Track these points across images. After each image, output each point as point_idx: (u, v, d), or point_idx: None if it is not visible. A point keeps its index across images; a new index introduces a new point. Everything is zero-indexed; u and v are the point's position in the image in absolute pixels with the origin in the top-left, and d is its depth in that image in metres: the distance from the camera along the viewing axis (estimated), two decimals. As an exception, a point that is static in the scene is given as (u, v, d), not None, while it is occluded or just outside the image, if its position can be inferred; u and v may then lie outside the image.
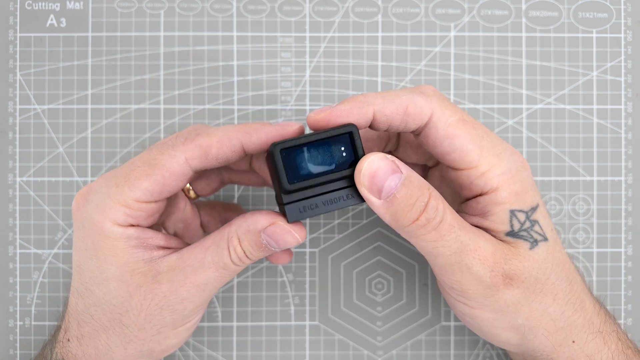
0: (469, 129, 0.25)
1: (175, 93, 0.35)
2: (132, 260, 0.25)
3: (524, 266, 0.25)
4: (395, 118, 0.24)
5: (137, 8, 0.35)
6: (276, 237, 0.24)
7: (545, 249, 0.25)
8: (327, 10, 0.35)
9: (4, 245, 0.35)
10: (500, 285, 0.24)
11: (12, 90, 0.35)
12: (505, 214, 0.25)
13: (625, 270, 0.35)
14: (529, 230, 0.25)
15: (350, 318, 0.35)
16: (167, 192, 0.25)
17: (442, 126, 0.24)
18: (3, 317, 0.34)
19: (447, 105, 0.25)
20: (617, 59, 0.35)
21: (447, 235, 0.24)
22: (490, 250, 0.24)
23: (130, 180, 0.25)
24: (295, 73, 0.35)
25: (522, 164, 0.26)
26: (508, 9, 0.35)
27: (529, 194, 0.25)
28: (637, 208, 0.35)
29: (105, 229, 0.25)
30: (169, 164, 0.25)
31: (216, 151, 0.25)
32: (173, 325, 0.26)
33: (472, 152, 0.24)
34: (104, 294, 0.25)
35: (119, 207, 0.25)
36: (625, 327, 0.35)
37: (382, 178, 0.23)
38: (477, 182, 0.25)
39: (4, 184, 0.35)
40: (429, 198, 0.23)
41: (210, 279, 0.25)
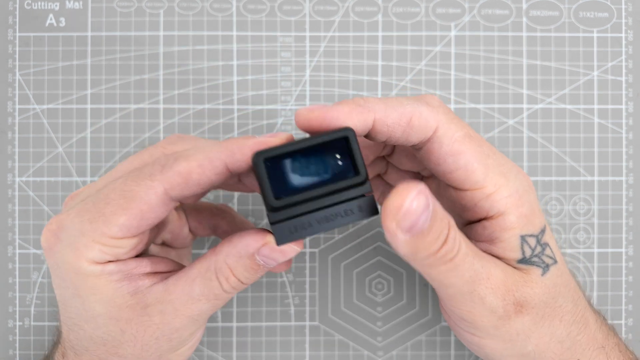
0: (474, 146, 0.23)
1: (175, 93, 0.35)
2: (118, 295, 0.23)
3: (535, 293, 0.24)
4: (396, 129, 0.22)
5: (136, 7, 0.35)
6: (273, 255, 0.22)
7: (555, 272, 0.24)
8: (327, 10, 0.35)
9: (3, 245, 0.34)
10: (512, 314, 0.23)
11: (11, 90, 0.35)
12: (516, 240, 0.23)
13: (626, 270, 0.35)
14: (540, 256, 0.24)
15: (351, 318, 0.35)
16: (146, 225, 0.23)
17: (447, 142, 0.22)
18: (2, 317, 0.34)
19: (453, 119, 0.23)
20: (618, 59, 0.35)
21: (461, 265, 0.22)
22: (502, 278, 0.23)
23: (105, 215, 0.22)
24: (295, 73, 0.35)
25: (528, 185, 0.24)
26: (509, 8, 0.35)
27: (536, 216, 0.24)
28: (638, 208, 0.35)
29: (83, 269, 0.22)
30: (147, 196, 0.22)
31: (197, 177, 0.22)
32: (172, 350, 0.25)
33: (478, 171, 0.23)
34: (94, 330, 0.24)
35: (94, 245, 0.22)
36: (627, 327, 0.35)
37: (417, 215, 0.19)
38: (483, 205, 0.23)
39: (3, 184, 0.35)
40: (449, 229, 0.21)
41: (202, 309, 0.23)
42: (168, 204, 0.22)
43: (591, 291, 0.35)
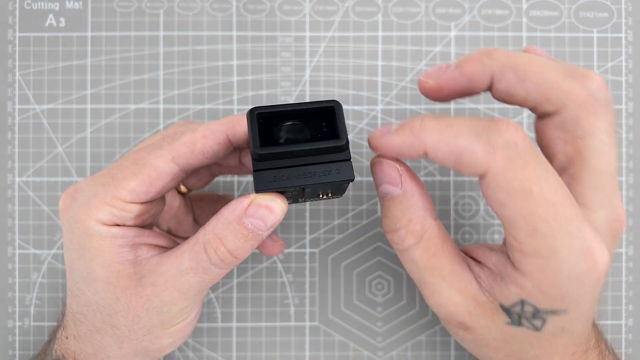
0: (529, 206, 0.20)
1: (175, 93, 0.35)
2: (118, 260, 0.24)
3: (487, 326, 0.23)
4: (447, 161, 0.21)
5: (136, 8, 0.35)
6: (261, 213, 0.22)
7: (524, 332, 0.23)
8: (327, 10, 0.35)
9: (3, 245, 0.34)
10: (453, 326, 0.24)
11: (11, 90, 0.35)
12: (516, 298, 0.22)
13: (626, 270, 0.35)
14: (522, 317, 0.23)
15: (351, 319, 0.35)
16: (155, 192, 0.24)
17: (495, 188, 0.20)
18: (2, 317, 0.34)
19: (515, 167, 0.20)
20: (618, 59, 0.35)
21: (407, 265, 0.24)
22: (455, 302, 0.23)
23: (117, 179, 0.24)
24: (295, 73, 0.35)
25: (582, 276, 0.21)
26: (509, 8, 0.35)
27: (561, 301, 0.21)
28: (638, 208, 0.35)
29: (90, 228, 0.24)
30: (156, 163, 0.24)
31: (201, 146, 0.24)
32: (162, 326, 0.25)
33: (521, 230, 0.20)
34: (93, 294, 0.25)
35: (104, 207, 0.24)
36: (627, 327, 0.35)
37: (378, 179, 0.23)
38: (514, 254, 0.22)
39: (3, 184, 0.35)
40: (402, 227, 0.23)
41: (190, 283, 0.24)
42: (175, 172, 0.24)
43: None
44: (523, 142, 0.20)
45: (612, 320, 0.35)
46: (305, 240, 0.35)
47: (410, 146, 0.22)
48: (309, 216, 0.35)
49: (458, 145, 0.20)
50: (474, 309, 0.23)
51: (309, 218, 0.35)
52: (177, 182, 0.25)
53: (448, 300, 0.23)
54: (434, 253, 0.23)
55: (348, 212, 0.35)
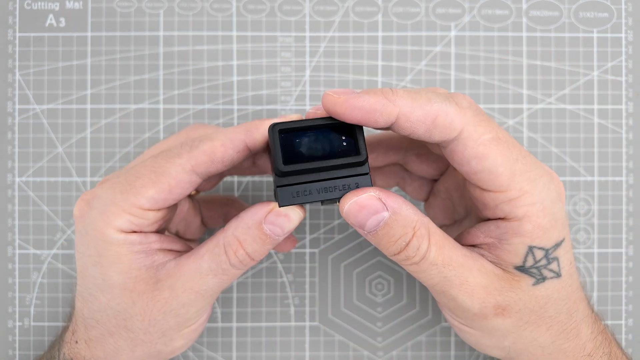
0: (502, 150, 0.22)
1: (175, 93, 0.35)
2: (135, 267, 0.25)
3: (520, 299, 0.24)
4: (420, 126, 0.22)
5: (136, 8, 0.35)
6: (280, 221, 0.24)
7: (552, 285, 0.24)
8: (327, 10, 0.35)
9: (3, 245, 0.34)
10: (490, 315, 0.24)
11: (11, 90, 0.35)
12: (523, 248, 0.23)
13: (626, 270, 0.35)
14: (541, 268, 0.24)
15: (351, 319, 0.35)
16: (173, 200, 0.25)
17: (471, 144, 0.22)
18: (2, 317, 0.34)
19: (481, 121, 0.22)
20: (618, 59, 0.35)
21: (428, 271, 0.23)
22: (483, 284, 0.23)
23: (135, 187, 0.24)
24: (295, 73, 0.35)
25: (557, 195, 0.24)
26: (509, 8, 0.35)
27: (557, 229, 0.23)
28: (638, 208, 0.35)
29: (109, 236, 0.24)
30: (176, 172, 0.24)
31: (221, 155, 0.24)
32: (178, 328, 0.26)
33: (503, 175, 0.22)
34: (108, 301, 0.25)
35: (123, 214, 0.24)
36: (627, 327, 0.35)
37: (363, 218, 0.22)
38: (503, 207, 0.23)
39: (3, 184, 0.35)
40: (412, 237, 0.23)
41: (209, 285, 0.25)
42: (193, 180, 0.25)
43: (591, 291, 0.35)
44: (476, 104, 0.23)
45: (612, 321, 0.35)
46: (305, 240, 0.35)
47: (382, 108, 0.21)
48: (309, 216, 0.35)
49: (433, 107, 0.22)
50: (499, 284, 0.24)
51: (309, 218, 0.35)
52: (193, 188, 0.25)
53: (475, 285, 0.23)
54: (444, 245, 0.23)
55: (348, 212, 0.35)
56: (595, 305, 0.35)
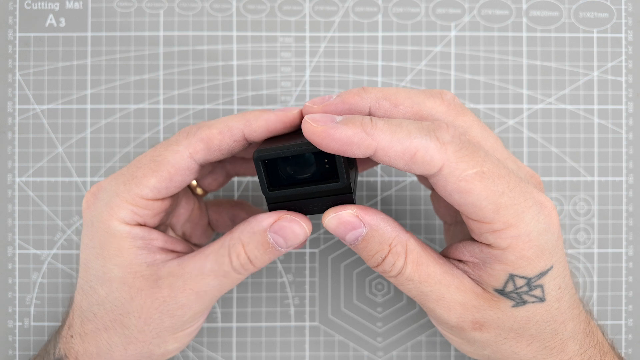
0: (486, 184, 0.22)
1: (175, 93, 0.35)
2: (136, 262, 0.25)
3: (498, 317, 0.24)
4: (398, 161, 0.22)
5: (136, 8, 0.35)
6: (284, 232, 0.24)
7: (533, 308, 0.24)
8: (327, 10, 0.35)
9: (3, 245, 0.34)
10: (468, 329, 0.24)
11: (11, 90, 0.35)
12: (504, 275, 0.23)
13: (626, 270, 0.35)
14: (521, 294, 0.24)
15: (351, 319, 0.35)
16: (174, 187, 0.25)
17: (452, 180, 0.22)
18: (2, 317, 0.34)
19: (464, 156, 0.22)
20: (618, 59, 0.35)
21: (405, 285, 0.24)
22: (460, 301, 0.24)
23: (137, 178, 0.25)
24: (295, 73, 0.35)
25: (546, 226, 0.23)
26: (509, 8, 0.35)
27: (541, 259, 0.23)
28: (638, 208, 0.35)
29: (112, 227, 0.25)
30: (174, 159, 0.24)
31: (218, 142, 0.24)
32: (172, 330, 0.26)
33: (486, 209, 0.22)
34: (107, 294, 0.25)
35: (126, 205, 0.25)
36: (627, 327, 0.35)
37: (342, 232, 0.23)
38: (487, 236, 0.23)
39: (3, 184, 0.35)
40: (387, 253, 0.23)
41: (209, 286, 0.25)
42: (193, 167, 0.25)
43: (591, 291, 0.35)
44: (462, 135, 0.23)
45: (612, 321, 0.35)
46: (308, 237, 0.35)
47: (360, 141, 0.21)
48: (309, 216, 0.35)
49: (413, 144, 0.21)
50: (477, 302, 0.24)
51: (309, 218, 0.35)
52: (195, 176, 0.26)
53: (453, 301, 0.24)
54: (421, 262, 0.24)
55: (348, 212, 0.35)
56: (595, 305, 0.35)
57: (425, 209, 0.35)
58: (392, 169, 0.35)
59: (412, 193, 0.35)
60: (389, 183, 0.35)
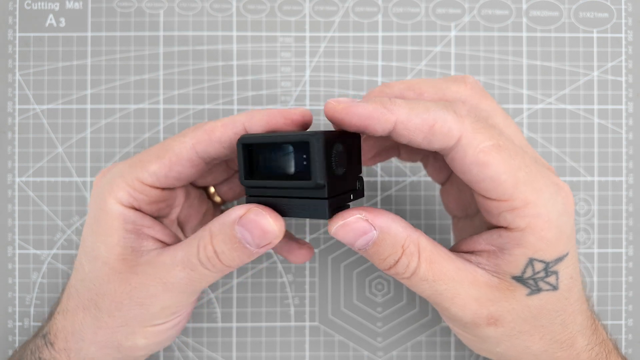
0: (504, 157, 0.22)
1: (175, 93, 0.35)
2: (121, 244, 0.25)
3: (513, 308, 0.24)
4: (417, 134, 0.22)
5: (136, 8, 0.35)
6: (251, 226, 0.23)
7: (546, 297, 0.24)
8: (327, 10, 0.35)
9: (3, 245, 0.34)
10: (483, 324, 0.24)
11: (11, 90, 0.35)
12: (524, 259, 0.23)
13: (626, 271, 0.35)
14: (538, 280, 0.23)
15: (351, 319, 0.35)
16: (173, 177, 0.25)
17: (471, 152, 0.22)
18: (2, 317, 0.34)
19: (481, 128, 0.22)
20: (618, 59, 0.35)
21: (419, 286, 0.24)
22: (475, 296, 0.23)
23: (142, 162, 0.25)
24: (295, 73, 0.35)
25: (564, 207, 0.23)
26: (509, 8, 0.35)
27: (561, 243, 0.23)
28: (638, 208, 0.35)
29: (108, 205, 0.25)
30: (178, 148, 0.25)
31: (220, 134, 0.25)
32: (141, 321, 0.26)
33: (506, 183, 0.22)
34: (90, 271, 0.26)
35: (125, 187, 0.25)
36: (627, 327, 0.35)
37: (352, 239, 0.23)
38: (506, 216, 0.23)
39: (3, 184, 0.34)
40: (401, 255, 0.23)
41: (177, 278, 0.24)
42: (193, 159, 0.25)
43: (591, 291, 0.35)
44: (478, 110, 0.23)
45: (612, 321, 0.35)
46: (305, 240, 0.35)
47: (380, 116, 0.21)
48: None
49: (430, 116, 0.22)
50: (492, 294, 0.23)
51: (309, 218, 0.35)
52: (197, 172, 0.26)
53: (468, 297, 0.23)
54: (434, 260, 0.23)
55: (348, 212, 0.35)
56: (595, 305, 0.35)
57: (426, 209, 0.35)
58: (392, 169, 0.35)
59: (412, 193, 0.35)
60: (389, 183, 0.35)
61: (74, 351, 0.26)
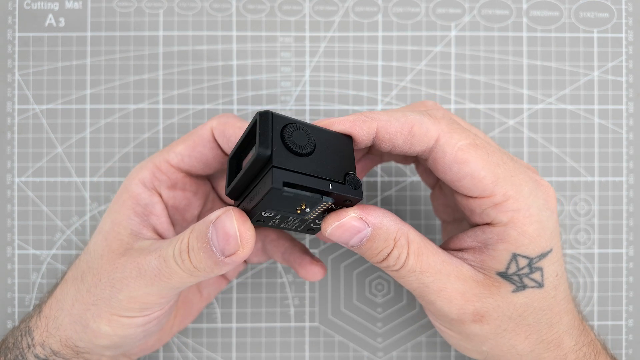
0: (482, 154, 0.23)
1: (175, 93, 0.35)
2: (124, 224, 0.26)
3: (498, 305, 0.24)
4: (398, 137, 0.23)
5: (136, 8, 0.35)
6: (217, 227, 0.22)
7: (532, 294, 0.24)
8: (327, 10, 0.35)
9: (2, 246, 0.34)
10: (468, 321, 0.24)
11: (11, 90, 0.35)
12: (507, 255, 0.23)
13: (626, 271, 0.35)
14: (522, 277, 0.24)
15: (351, 319, 0.35)
16: (195, 158, 0.27)
17: (449, 150, 0.23)
18: (1, 318, 0.34)
19: (456, 129, 0.23)
20: (618, 59, 0.35)
21: (406, 277, 0.24)
22: (461, 290, 0.24)
23: (171, 146, 0.27)
24: (295, 73, 0.35)
25: (545, 202, 0.24)
26: (509, 8, 0.35)
27: (543, 238, 0.23)
28: (638, 209, 0.35)
29: (130, 183, 0.27)
30: (202, 131, 0.27)
31: (231, 133, 0.26)
32: (108, 305, 0.25)
33: (486, 179, 0.23)
34: (91, 245, 0.27)
35: (150, 167, 0.27)
36: (627, 327, 0.35)
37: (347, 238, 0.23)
38: (489, 212, 0.23)
39: (3, 184, 0.34)
40: (392, 248, 0.23)
41: (149, 265, 0.24)
42: (213, 145, 0.27)
43: (591, 292, 0.35)
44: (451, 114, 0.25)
45: (612, 321, 0.35)
46: (305, 241, 0.35)
47: (362, 123, 0.23)
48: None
49: (409, 119, 0.23)
50: (477, 289, 0.24)
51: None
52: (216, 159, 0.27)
53: (454, 290, 0.24)
54: (422, 253, 0.24)
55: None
56: (595, 305, 0.35)
57: (426, 209, 0.35)
58: (392, 169, 0.35)
59: (412, 193, 0.35)
60: (389, 183, 0.35)
61: (52, 319, 0.26)
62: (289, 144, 0.21)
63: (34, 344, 0.26)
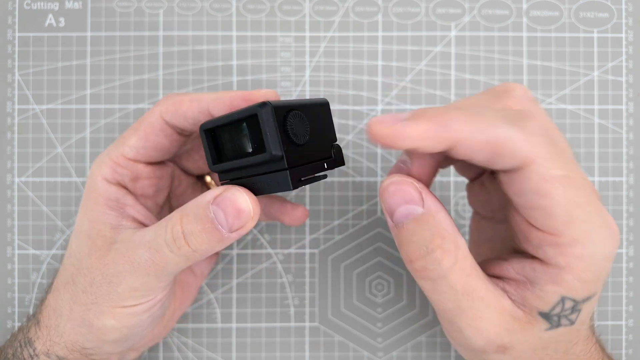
0: (568, 191, 0.19)
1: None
2: (102, 220, 0.26)
3: (526, 340, 0.22)
4: (479, 154, 0.19)
5: (136, 7, 0.35)
6: (225, 204, 0.21)
7: (562, 331, 0.22)
8: (327, 10, 0.35)
9: (2, 246, 0.34)
10: (490, 351, 0.22)
11: (11, 90, 0.35)
12: (555, 297, 0.21)
13: (626, 271, 0.35)
14: (561, 316, 0.21)
15: (350, 319, 0.35)
16: (151, 148, 0.26)
17: (536, 178, 0.19)
18: (1, 318, 0.34)
19: (554, 154, 0.19)
20: (619, 59, 0.35)
21: (443, 293, 0.21)
22: (495, 322, 0.21)
23: (123, 138, 0.27)
24: (295, 73, 0.35)
25: (610, 253, 0.21)
26: (509, 8, 0.35)
27: (596, 284, 0.21)
28: (638, 209, 0.35)
29: (95, 182, 0.26)
30: (150, 118, 0.26)
31: (185, 109, 0.25)
32: (109, 300, 0.25)
33: (559, 219, 0.19)
34: (75, 246, 0.26)
35: (110, 163, 0.26)
36: (627, 328, 0.35)
37: (396, 202, 0.20)
38: (547, 250, 0.20)
39: (2, 184, 0.34)
40: (436, 247, 0.20)
41: (142, 258, 0.24)
42: (166, 130, 0.26)
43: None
44: (553, 127, 0.20)
45: (612, 321, 0.35)
46: (305, 241, 0.35)
47: (435, 136, 0.19)
48: (309, 216, 0.35)
49: (496, 134, 0.19)
50: (511, 325, 0.22)
51: (308, 218, 0.35)
52: (173, 143, 0.27)
53: (489, 324, 0.21)
54: (469, 273, 0.21)
55: (348, 213, 0.35)
56: (595, 305, 0.35)
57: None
58: (392, 169, 0.35)
59: (412, 193, 0.35)
60: (389, 183, 0.35)
61: (53, 328, 0.26)
62: (293, 137, 0.21)
63: (37, 353, 0.26)
